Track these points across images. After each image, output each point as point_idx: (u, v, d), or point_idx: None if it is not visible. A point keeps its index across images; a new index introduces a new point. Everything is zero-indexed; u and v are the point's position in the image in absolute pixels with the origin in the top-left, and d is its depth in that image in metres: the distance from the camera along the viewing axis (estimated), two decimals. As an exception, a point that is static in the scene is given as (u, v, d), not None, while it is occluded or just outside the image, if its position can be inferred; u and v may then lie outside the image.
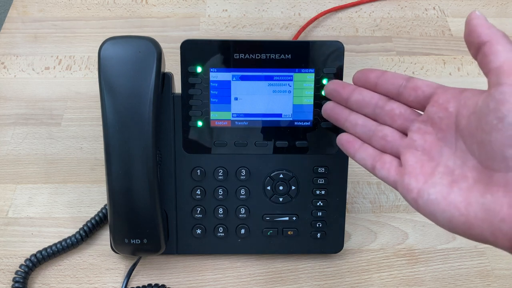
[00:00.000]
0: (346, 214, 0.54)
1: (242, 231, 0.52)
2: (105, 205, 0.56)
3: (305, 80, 0.50)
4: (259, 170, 0.52)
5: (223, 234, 0.52)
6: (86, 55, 0.72)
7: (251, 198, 0.52)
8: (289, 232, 0.53)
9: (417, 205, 0.36)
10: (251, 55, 0.49)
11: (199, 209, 0.52)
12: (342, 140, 0.43)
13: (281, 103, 0.50)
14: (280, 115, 0.50)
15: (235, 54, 0.49)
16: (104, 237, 0.55)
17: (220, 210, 0.52)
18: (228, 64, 0.49)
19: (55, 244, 0.53)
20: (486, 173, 0.33)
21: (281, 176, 0.52)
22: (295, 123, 0.51)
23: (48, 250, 0.52)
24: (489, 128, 0.33)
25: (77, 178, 0.60)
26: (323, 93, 0.50)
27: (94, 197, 0.58)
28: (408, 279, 0.53)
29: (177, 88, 0.51)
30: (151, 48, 0.47)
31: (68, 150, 0.62)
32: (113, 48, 0.47)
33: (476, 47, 0.36)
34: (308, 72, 0.49)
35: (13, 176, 0.60)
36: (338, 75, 0.50)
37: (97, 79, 0.47)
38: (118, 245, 0.49)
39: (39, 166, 0.61)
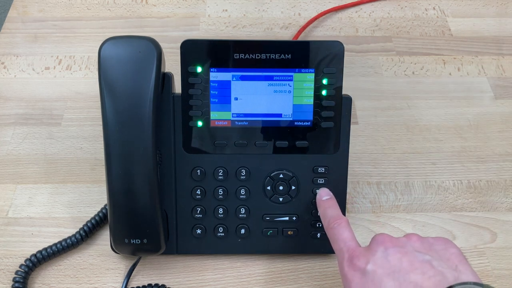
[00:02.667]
0: (346, 214, 0.54)
1: (242, 231, 0.52)
2: (105, 205, 0.56)
3: (305, 80, 0.50)
4: (259, 170, 0.52)
5: (223, 234, 0.52)
6: (86, 55, 0.72)
7: (251, 198, 0.52)
8: (289, 232, 0.53)
9: None
10: (251, 55, 0.49)
11: (199, 209, 0.52)
12: None
13: (281, 103, 0.50)
14: (280, 115, 0.50)
15: (235, 54, 0.49)
16: (104, 237, 0.55)
17: (220, 210, 0.52)
18: (228, 64, 0.49)
19: (55, 244, 0.53)
20: None
21: (281, 176, 0.52)
22: (295, 123, 0.51)
23: (48, 250, 0.52)
24: None
25: (77, 178, 0.60)
26: (323, 93, 0.50)
27: (94, 197, 0.58)
28: (408, 279, 0.53)
29: (177, 88, 0.51)
30: (151, 48, 0.47)
31: (68, 150, 0.62)
32: (113, 48, 0.47)
33: None
34: (308, 72, 0.49)
35: (13, 176, 0.60)
36: (338, 75, 0.50)
37: (97, 79, 0.47)
38: (118, 245, 0.49)
39: (39, 166, 0.61)
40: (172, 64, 0.55)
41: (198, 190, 0.52)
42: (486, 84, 0.71)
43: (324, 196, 0.50)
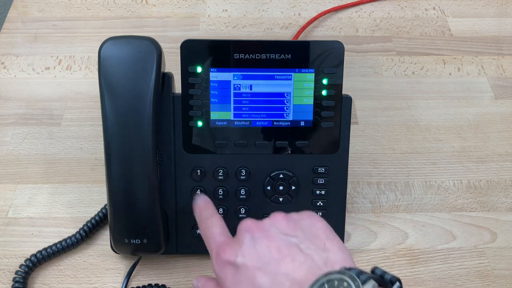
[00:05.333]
0: (346, 214, 0.54)
1: (242, 231, 0.52)
2: (105, 205, 0.56)
3: (305, 80, 0.50)
4: (259, 170, 0.52)
5: (223, 234, 0.52)
6: (86, 55, 0.72)
7: (251, 198, 0.52)
8: (289, 232, 0.53)
9: None
10: (251, 55, 0.49)
11: (199, 209, 0.52)
12: None
13: (281, 103, 0.50)
14: (280, 115, 0.50)
15: (235, 54, 0.49)
16: (104, 237, 0.55)
17: (220, 210, 0.52)
18: (228, 64, 0.49)
19: (55, 244, 0.53)
20: None
21: (281, 176, 0.52)
22: (295, 123, 0.51)
23: (48, 250, 0.52)
24: None
25: (77, 178, 0.60)
26: (323, 93, 0.50)
27: (94, 197, 0.58)
28: (408, 279, 0.53)
29: (177, 88, 0.51)
30: (151, 48, 0.47)
31: (68, 150, 0.62)
32: (113, 48, 0.47)
33: None
34: (308, 72, 0.49)
35: (13, 176, 0.60)
36: (338, 75, 0.50)
37: (97, 79, 0.47)
38: (118, 245, 0.49)
39: (39, 166, 0.61)
40: (172, 64, 0.55)
41: (198, 190, 0.51)
42: (486, 84, 0.71)
43: (199, 201, 0.48)
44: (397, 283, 0.35)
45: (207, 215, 0.46)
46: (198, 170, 0.51)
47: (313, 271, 0.36)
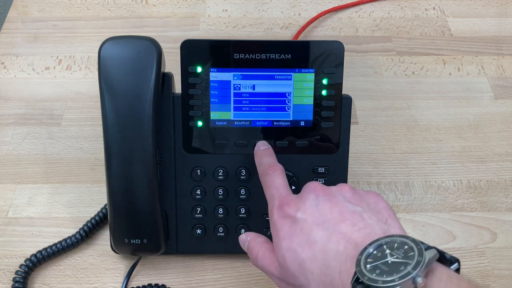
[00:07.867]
0: (346, 214, 0.54)
1: (242, 231, 0.52)
2: (105, 205, 0.55)
3: (305, 80, 0.50)
4: (259, 170, 0.52)
5: (223, 234, 0.52)
6: (86, 55, 0.72)
7: (251, 198, 0.52)
8: (289, 232, 0.53)
9: None
10: (251, 55, 0.49)
11: (199, 209, 0.52)
12: None
13: (281, 103, 0.50)
14: (280, 115, 0.50)
15: (235, 54, 0.49)
16: (104, 237, 0.55)
17: (220, 210, 0.52)
18: (228, 64, 0.49)
19: (55, 244, 0.53)
20: None
21: (281, 176, 0.52)
22: (295, 123, 0.51)
23: (48, 250, 0.52)
24: None
25: (77, 178, 0.60)
26: (323, 93, 0.50)
27: (94, 197, 0.58)
28: (408, 279, 0.53)
29: (177, 88, 0.51)
30: (151, 48, 0.47)
31: (68, 150, 0.62)
32: (113, 48, 0.47)
33: None
34: (308, 72, 0.49)
35: (13, 176, 0.60)
36: (338, 75, 0.50)
37: (97, 79, 0.47)
38: (118, 245, 0.49)
39: (39, 166, 0.61)
40: (172, 64, 0.55)
41: (198, 190, 0.52)
42: (486, 84, 0.71)
43: (261, 146, 0.49)
44: (456, 263, 0.35)
45: (268, 162, 0.47)
46: (198, 170, 0.51)
47: (371, 237, 0.36)
